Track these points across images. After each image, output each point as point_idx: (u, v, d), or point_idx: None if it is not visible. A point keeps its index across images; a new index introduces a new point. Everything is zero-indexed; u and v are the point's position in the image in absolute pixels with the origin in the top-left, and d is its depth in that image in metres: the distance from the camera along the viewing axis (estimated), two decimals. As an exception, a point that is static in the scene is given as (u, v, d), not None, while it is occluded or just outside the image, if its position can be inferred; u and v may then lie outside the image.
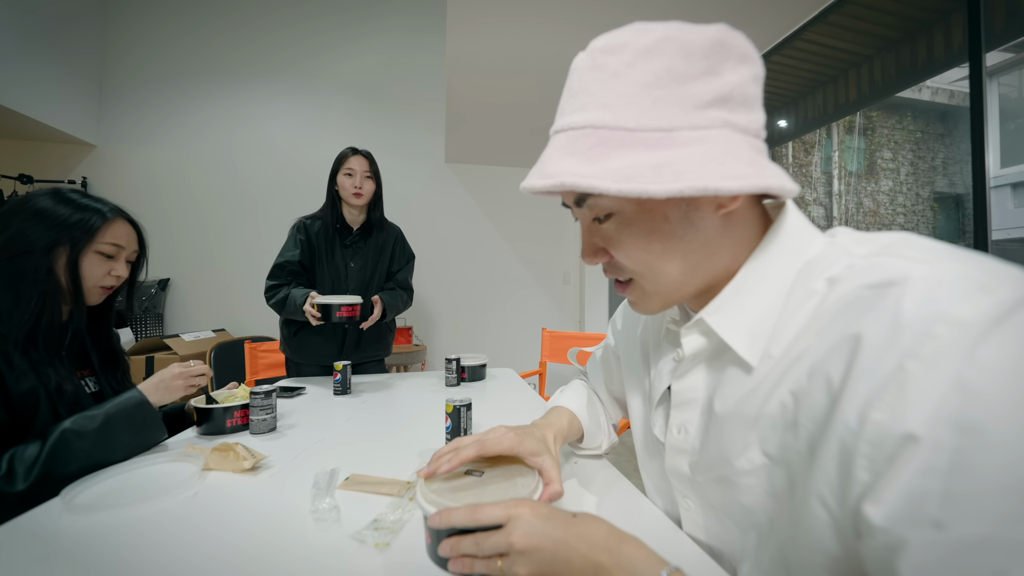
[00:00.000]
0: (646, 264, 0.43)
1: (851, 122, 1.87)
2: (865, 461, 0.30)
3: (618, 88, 0.38)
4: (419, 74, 3.57)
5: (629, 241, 0.42)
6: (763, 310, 0.41)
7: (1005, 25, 1.25)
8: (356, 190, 1.52)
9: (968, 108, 1.27)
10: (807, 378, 0.36)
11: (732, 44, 0.38)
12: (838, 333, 0.34)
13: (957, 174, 1.44)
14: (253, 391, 0.95)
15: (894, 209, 1.68)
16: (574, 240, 3.97)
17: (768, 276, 0.41)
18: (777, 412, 0.38)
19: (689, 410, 0.48)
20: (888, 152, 1.72)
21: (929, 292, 0.30)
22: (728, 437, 0.43)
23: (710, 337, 0.45)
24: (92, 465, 0.73)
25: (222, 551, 0.53)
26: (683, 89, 0.37)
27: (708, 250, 0.42)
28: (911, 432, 0.28)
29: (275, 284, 1.50)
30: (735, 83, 0.38)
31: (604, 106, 0.38)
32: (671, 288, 0.44)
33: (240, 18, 3.32)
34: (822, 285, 0.38)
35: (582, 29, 1.90)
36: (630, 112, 0.37)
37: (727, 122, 0.38)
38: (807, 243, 0.42)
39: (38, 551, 0.53)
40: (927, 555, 0.27)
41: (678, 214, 0.40)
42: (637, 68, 0.38)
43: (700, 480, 0.47)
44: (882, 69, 1.67)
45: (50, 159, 2.98)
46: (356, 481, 0.70)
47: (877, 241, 0.38)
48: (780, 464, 0.39)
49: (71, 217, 0.79)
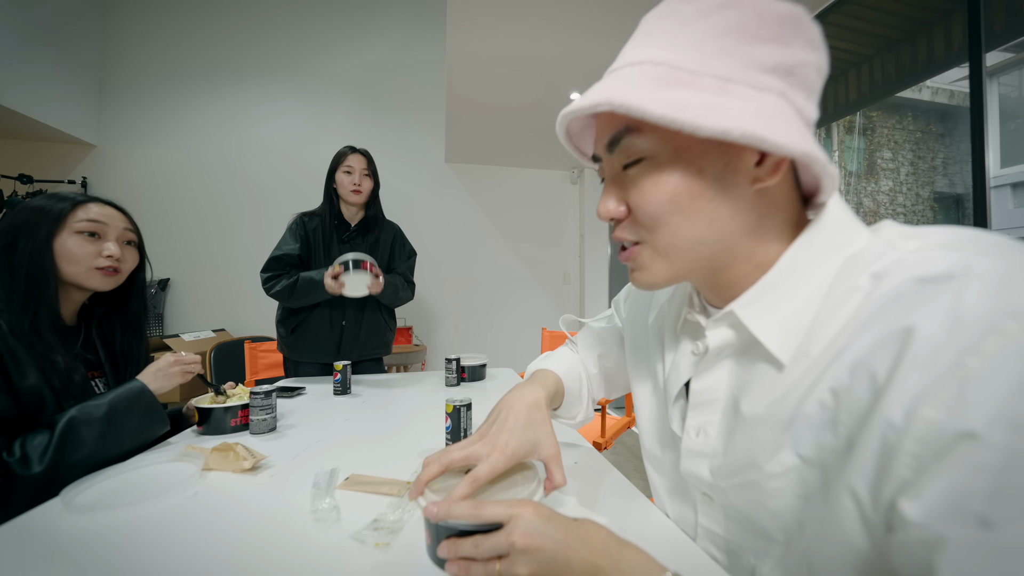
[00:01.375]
0: (666, 218, 0.40)
1: (851, 122, 1.87)
2: (910, 459, 0.29)
3: (686, 32, 0.37)
4: (419, 74, 3.57)
5: (655, 189, 0.39)
6: (800, 306, 0.39)
7: (1005, 25, 1.25)
8: (355, 187, 1.53)
9: (968, 108, 1.27)
10: (848, 374, 0.34)
11: (807, 27, 0.38)
12: (885, 327, 0.32)
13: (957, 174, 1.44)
14: (253, 391, 0.95)
15: (894, 209, 1.68)
16: (574, 240, 3.98)
17: (807, 270, 0.39)
18: (815, 411, 0.36)
19: (709, 411, 0.46)
20: (888, 152, 1.72)
21: (997, 286, 0.28)
22: (758, 441, 0.40)
23: (739, 331, 0.43)
24: (101, 453, 0.75)
25: (222, 551, 0.53)
26: (750, 47, 0.36)
27: (734, 224, 0.40)
28: (969, 430, 0.26)
29: (273, 275, 1.51)
30: (801, 61, 0.37)
31: (669, 46, 0.38)
32: (683, 253, 0.41)
33: (240, 17, 3.32)
34: (866, 281, 0.35)
35: (582, 29, 1.90)
36: (693, 55, 0.37)
37: (784, 93, 0.37)
38: (851, 237, 0.39)
39: (38, 551, 0.53)
40: (970, 554, 0.26)
41: (714, 171, 0.38)
42: (710, 17, 0.37)
43: (723, 486, 0.44)
44: (882, 69, 1.67)
45: (50, 159, 2.98)
46: (356, 481, 0.70)
47: (930, 236, 0.35)
48: (814, 465, 0.37)
49: (43, 207, 0.83)
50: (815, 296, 0.38)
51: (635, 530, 0.57)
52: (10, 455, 0.69)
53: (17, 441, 0.71)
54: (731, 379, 0.44)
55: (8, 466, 0.68)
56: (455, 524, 0.45)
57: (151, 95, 3.17)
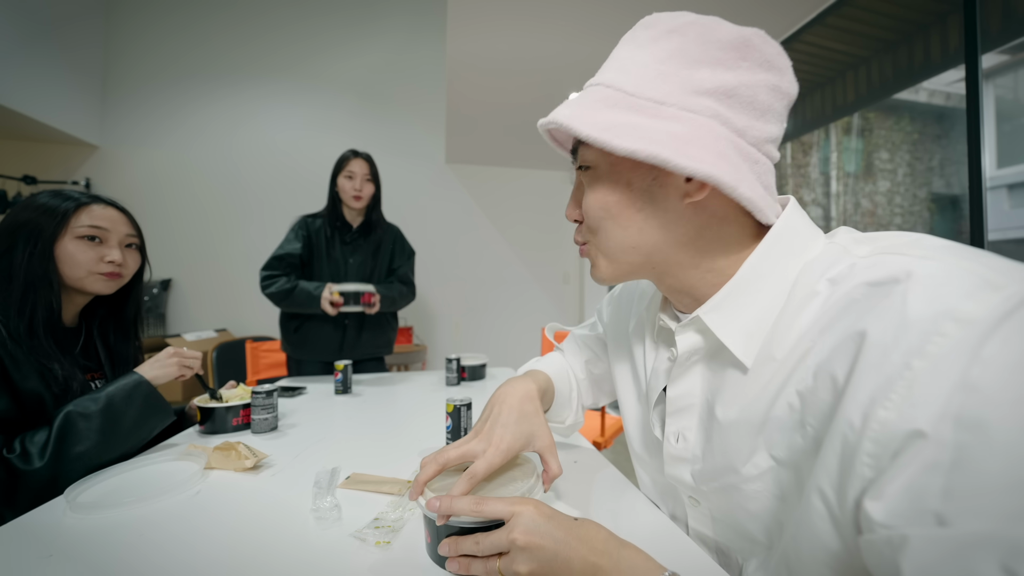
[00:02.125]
0: (601, 223, 0.44)
1: (849, 123, 1.87)
2: (869, 459, 0.30)
3: (637, 57, 0.42)
4: (419, 74, 3.57)
5: (593, 196, 0.44)
6: (760, 310, 0.41)
7: (1001, 27, 1.26)
8: (356, 193, 1.55)
9: (964, 110, 1.28)
10: (812, 377, 0.36)
11: (759, 48, 0.40)
12: (842, 331, 0.34)
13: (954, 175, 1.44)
14: (255, 390, 0.96)
15: (891, 210, 1.68)
16: (572, 241, 3.97)
17: (766, 276, 0.41)
18: (784, 414, 0.38)
19: (686, 417, 0.47)
20: (885, 153, 1.72)
21: (935, 289, 0.30)
22: (734, 444, 0.42)
23: (706, 336, 0.45)
24: (104, 445, 0.75)
25: (224, 550, 0.53)
26: (688, 71, 0.39)
27: (666, 234, 0.43)
28: (919, 429, 0.27)
29: (272, 274, 1.53)
30: (746, 83, 0.39)
31: (621, 69, 0.42)
32: (618, 255, 0.45)
33: (241, 18, 3.33)
34: (824, 286, 0.37)
35: (582, 29, 1.91)
36: (636, 79, 0.41)
37: (718, 115, 0.39)
38: (807, 243, 0.41)
39: (41, 549, 0.53)
40: (929, 551, 0.27)
41: (642, 184, 0.42)
42: (659, 43, 0.41)
43: (705, 489, 0.46)
44: (879, 71, 1.68)
45: (53, 160, 2.99)
46: (357, 480, 0.71)
47: (879, 241, 0.37)
48: (788, 466, 0.38)
49: (45, 206, 0.81)
50: (776, 301, 0.40)
51: (634, 529, 0.57)
52: (10, 452, 0.70)
53: (18, 439, 0.71)
54: (704, 384, 0.46)
55: (9, 462, 0.68)
56: (455, 521, 0.46)
57: (153, 96, 3.17)
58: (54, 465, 0.70)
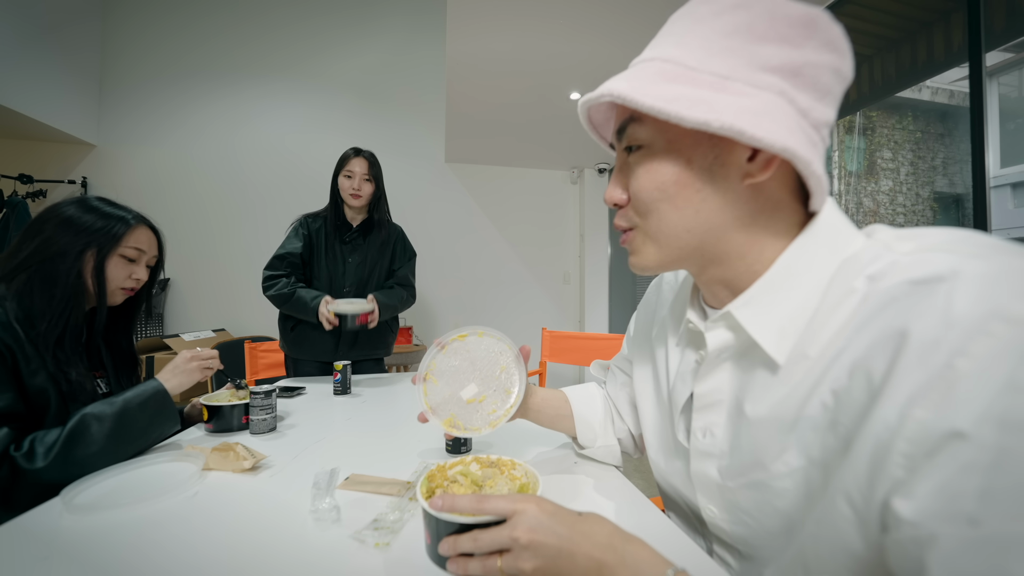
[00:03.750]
0: (655, 205, 0.42)
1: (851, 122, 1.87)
2: (902, 459, 0.29)
3: (698, 31, 0.39)
4: (419, 74, 3.57)
5: (647, 176, 0.42)
6: (795, 307, 0.39)
7: (1005, 25, 1.25)
8: (354, 192, 1.54)
9: (968, 108, 1.27)
10: (847, 376, 0.35)
11: (823, 28, 0.38)
12: (880, 329, 0.33)
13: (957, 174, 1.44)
14: (253, 391, 0.95)
15: (894, 209, 1.68)
16: (574, 240, 3.98)
17: (803, 273, 0.40)
18: (818, 413, 0.37)
19: (714, 412, 0.46)
20: (888, 152, 1.72)
21: (984, 288, 0.28)
22: (763, 441, 0.41)
23: (737, 333, 0.43)
24: (111, 451, 0.76)
25: (222, 551, 0.53)
26: (755, 47, 0.37)
27: (723, 216, 0.41)
28: (958, 429, 0.27)
29: (274, 275, 1.52)
30: (810, 62, 0.37)
31: (679, 44, 0.40)
32: (671, 239, 0.42)
33: (240, 17, 3.32)
34: (862, 283, 0.36)
35: (582, 29, 1.90)
36: (698, 53, 0.39)
37: (784, 92, 0.37)
38: (846, 240, 0.40)
39: (38, 551, 0.53)
40: (959, 551, 0.26)
41: (703, 163, 0.40)
42: (722, 17, 0.39)
43: (731, 485, 0.45)
44: (882, 69, 1.67)
45: (50, 159, 2.98)
46: (356, 481, 0.70)
47: (923, 238, 0.36)
48: (819, 466, 0.37)
49: (97, 223, 0.84)
50: (811, 298, 0.39)
51: (634, 529, 0.57)
52: (18, 449, 0.70)
53: (28, 438, 0.72)
54: (733, 381, 0.45)
55: (14, 460, 0.69)
56: (456, 521, 0.45)
57: (151, 95, 3.17)
58: (55, 467, 0.70)
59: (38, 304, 0.78)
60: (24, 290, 0.78)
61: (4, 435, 0.69)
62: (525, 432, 0.94)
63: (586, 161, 3.74)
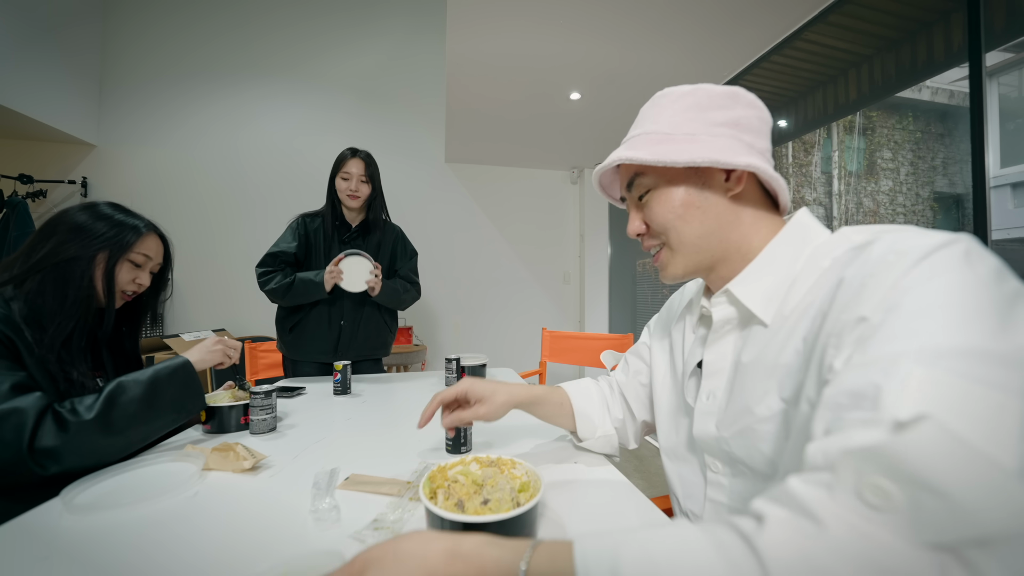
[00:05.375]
0: (672, 223, 0.57)
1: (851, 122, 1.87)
2: (833, 350, 0.40)
3: (664, 114, 0.58)
4: (419, 74, 3.57)
5: (660, 205, 0.58)
6: (776, 281, 0.53)
7: (1005, 25, 1.25)
8: (351, 193, 1.54)
9: (968, 108, 1.27)
10: (810, 321, 0.47)
11: (743, 96, 0.57)
12: (830, 281, 0.46)
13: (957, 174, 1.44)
14: (253, 391, 0.95)
15: (894, 209, 1.68)
16: (574, 240, 3.98)
17: (781, 257, 0.54)
18: (792, 359, 0.47)
19: (718, 378, 0.57)
20: (888, 152, 1.72)
21: (891, 242, 0.42)
22: (750, 387, 0.52)
23: (737, 307, 0.56)
24: (143, 417, 0.79)
25: (222, 551, 0.53)
26: (706, 114, 0.56)
27: (720, 222, 0.56)
28: (862, 314, 0.38)
29: (267, 271, 1.53)
30: (743, 116, 0.56)
31: (654, 122, 0.58)
32: (690, 247, 0.57)
33: (240, 18, 3.32)
34: (828, 263, 0.49)
35: (582, 29, 1.90)
36: (669, 124, 0.57)
37: (734, 136, 0.55)
38: (816, 234, 0.54)
39: (39, 551, 0.53)
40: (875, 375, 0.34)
41: (695, 188, 0.56)
42: (678, 102, 0.58)
43: (725, 435, 0.54)
44: (882, 69, 1.67)
45: (50, 159, 2.98)
46: (356, 481, 0.70)
47: (872, 229, 0.48)
48: (795, 406, 0.46)
49: (110, 231, 0.87)
50: (787, 274, 0.53)
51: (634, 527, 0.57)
52: (61, 407, 0.73)
53: (69, 400, 0.75)
54: (734, 347, 0.57)
55: (60, 413, 0.72)
56: (458, 520, 0.45)
57: (151, 96, 3.17)
58: (99, 423, 0.74)
59: (50, 305, 0.81)
60: (35, 292, 0.80)
61: (38, 396, 0.72)
62: (523, 427, 0.94)
63: (586, 161, 3.74)
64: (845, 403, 0.34)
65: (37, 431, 0.69)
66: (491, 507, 0.49)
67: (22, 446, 0.67)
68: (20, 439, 0.67)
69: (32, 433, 0.68)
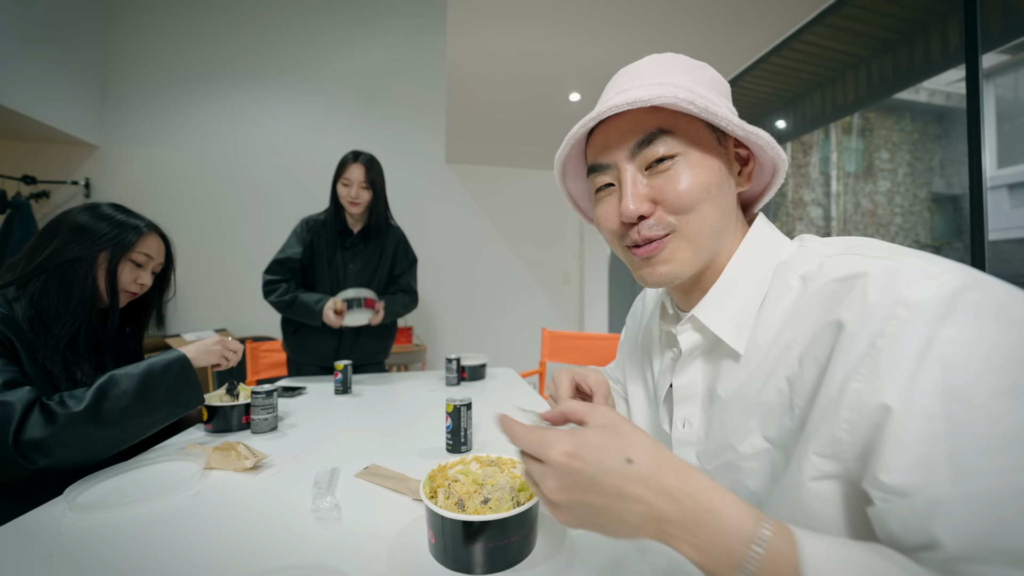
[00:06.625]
0: (700, 204, 0.45)
1: (849, 123, 1.87)
2: (846, 424, 0.35)
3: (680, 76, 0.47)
4: (419, 75, 3.57)
5: (693, 179, 0.45)
6: (745, 304, 0.47)
7: (1001, 27, 1.26)
8: (352, 200, 1.54)
9: (965, 109, 1.27)
10: (798, 364, 0.41)
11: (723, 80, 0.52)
12: (819, 321, 0.39)
13: (954, 175, 1.44)
14: (254, 390, 0.96)
15: (892, 210, 1.68)
16: (574, 240, 3.98)
17: (747, 275, 0.48)
18: (774, 399, 0.42)
19: (690, 404, 0.52)
20: (886, 153, 1.73)
21: (888, 281, 0.36)
22: (731, 423, 0.46)
23: (703, 333, 0.50)
24: (135, 411, 0.78)
25: (224, 550, 0.53)
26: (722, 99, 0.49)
27: (727, 219, 0.48)
28: (886, 403, 0.32)
29: (273, 280, 1.53)
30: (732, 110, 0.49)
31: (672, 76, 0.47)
32: (707, 238, 0.47)
33: (242, 19, 3.33)
34: (797, 282, 0.44)
35: (582, 29, 1.91)
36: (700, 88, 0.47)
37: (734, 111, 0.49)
38: (778, 247, 0.49)
39: (42, 549, 0.53)
40: (954, 513, 0.29)
41: (724, 173, 0.47)
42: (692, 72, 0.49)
43: (708, 468, 0.49)
44: (880, 71, 1.68)
45: (53, 160, 2.98)
46: (374, 472, 0.72)
47: (839, 243, 0.44)
48: (779, 447, 0.42)
49: (111, 231, 0.87)
50: (756, 295, 0.47)
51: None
52: (49, 400, 0.73)
53: (59, 393, 0.75)
54: (704, 374, 0.51)
55: (48, 406, 0.71)
56: (461, 518, 0.46)
57: (153, 96, 3.17)
58: (89, 415, 0.73)
59: (55, 305, 0.81)
60: (40, 292, 0.81)
61: (27, 391, 0.72)
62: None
63: (586, 162, 3.74)
64: (909, 546, 0.31)
65: (24, 424, 0.69)
66: (491, 506, 0.50)
67: (7, 439, 0.67)
68: (5, 432, 0.67)
69: (18, 426, 0.68)
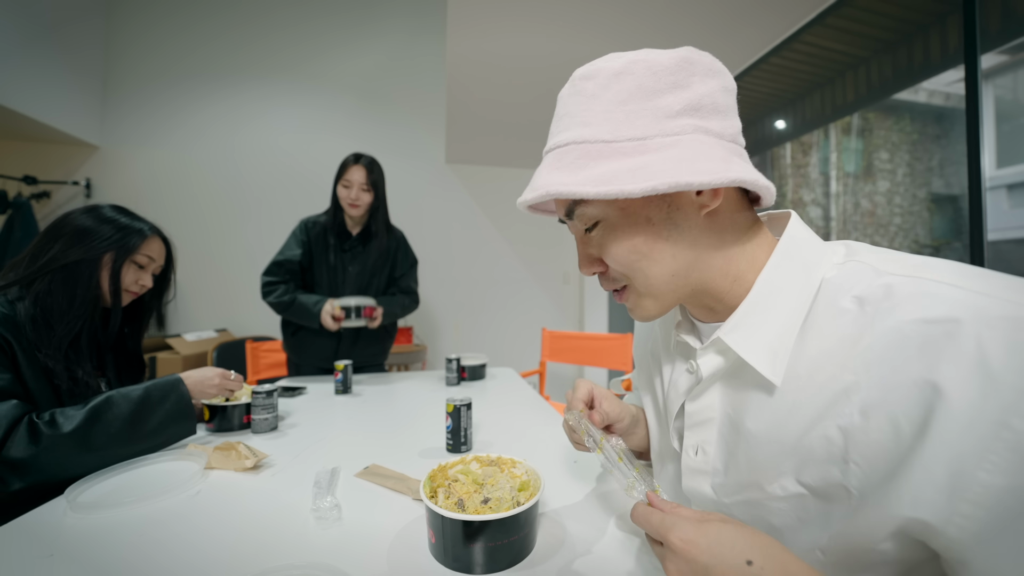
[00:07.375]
0: (634, 267, 0.43)
1: (848, 123, 1.88)
2: (962, 520, 0.29)
3: (595, 107, 0.41)
4: (419, 75, 3.57)
5: (616, 246, 0.43)
6: (781, 327, 0.40)
7: (1000, 27, 1.26)
8: (352, 202, 1.53)
9: (964, 110, 1.28)
10: (860, 415, 0.34)
11: (698, 61, 0.42)
12: (902, 375, 0.32)
13: (954, 175, 1.44)
14: (255, 390, 0.96)
15: (891, 210, 1.68)
16: (573, 240, 3.98)
17: (783, 291, 0.41)
18: (820, 446, 0.37)
19: (706, 430, 0.46)
20: (885, 153, 1.73)
21: (1013, 335, 0.28)
22: (761, 461, 0.41)
23: (727, 356, 0.44)
24: (123, 438, 0.77)
25: (224, 549, 0.54)
26: (653, 102, 0.40)
27: (697, 251, 0.43)
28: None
29: (272, 281, 1.53)
30: (704, 93, 0.41)
31: (584, 124, 0.42)
32: (663, 289, 0.44)
33: (241, 19, 3.33)
34: (851, 303, 0.37)
35: (582, 29, 1.91)
36: (606, 126, 0.41)
37: (699, 128, 0.40)
38: (819, 255, 0.42)
39: (42, 549, 0.54)
40: None
41: (660, 216, 0.42)
42: (611, 88, 0.41)
43: (726, 502, 0.45)
44: (879, 71, 1.68)
45: (53, 160, 2.98)
46: (374, 472, 0.72)
47: (899, 259, 0.37)
48: (819, 496, 0.37)
49: (115, 234, 0.88)
50: (795, 316, 0.40)
51: (636, 530, 0.58)
52: (39, 418, 0.72)
53: (49, 411, 0.74)
54: (724, 399, 0.45)
55: (36, 425, 0.71)
56: (462, 518, 0.47)
57: (154, 96, 3.17)
58: (77, 438, 0.72)
59: (59, 305, 0.82)
60: (45, 292, 0.81)
61: (13, 405, 0.71)
62: (523, 427, 0.95)
63: (586, 162, 3.74)
64: None
65: (6, 441, 0.67)
66: (491, 506, 0.50)
67: None
68: None
69: (1, 443, 0.67)
